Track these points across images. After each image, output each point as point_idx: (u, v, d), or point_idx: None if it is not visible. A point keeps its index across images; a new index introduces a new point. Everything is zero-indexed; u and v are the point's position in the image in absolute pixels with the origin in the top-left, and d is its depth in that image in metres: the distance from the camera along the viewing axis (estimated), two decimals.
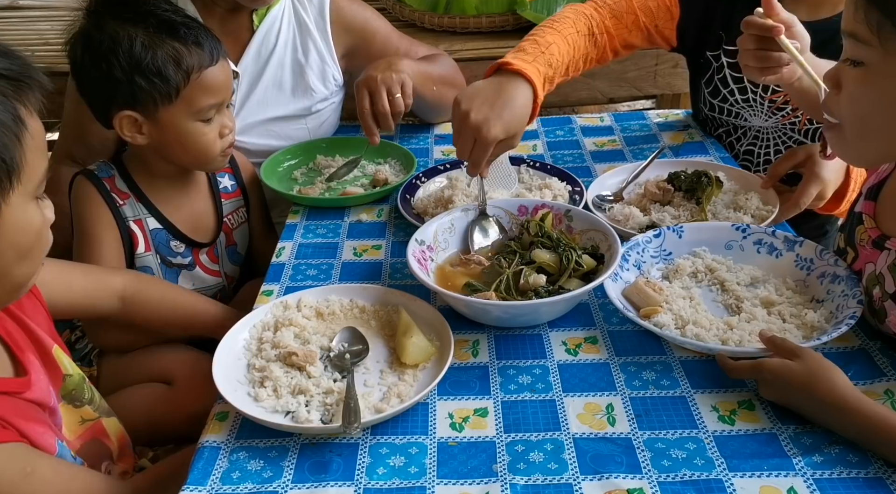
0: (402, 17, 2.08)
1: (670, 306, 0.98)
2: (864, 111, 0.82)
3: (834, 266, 0.99)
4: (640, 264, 1.05)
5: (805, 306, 0.97)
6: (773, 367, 0.82)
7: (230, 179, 1.33)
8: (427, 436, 0.83)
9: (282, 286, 1.10)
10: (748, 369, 0.85)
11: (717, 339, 0.92)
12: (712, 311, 0.99)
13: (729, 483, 0.75)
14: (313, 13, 1.48)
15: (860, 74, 0.82)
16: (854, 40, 0.81)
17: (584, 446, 0.81)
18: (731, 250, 1.08)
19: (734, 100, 1.40)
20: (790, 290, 1.01)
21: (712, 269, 1.05)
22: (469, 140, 1.07)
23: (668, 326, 0.94)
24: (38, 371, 0.85)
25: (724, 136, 1.47)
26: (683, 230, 1.09)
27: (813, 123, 1.33)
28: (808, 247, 1.03)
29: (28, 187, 0.73)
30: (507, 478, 0.77)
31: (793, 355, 0.83)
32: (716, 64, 1.41)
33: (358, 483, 0.78)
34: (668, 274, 1.05)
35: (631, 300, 0.99)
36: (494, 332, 0.99)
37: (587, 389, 0.89)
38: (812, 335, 0.92)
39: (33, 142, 0.73)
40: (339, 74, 1.53)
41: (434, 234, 1.10)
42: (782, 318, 0.96)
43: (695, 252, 1.08)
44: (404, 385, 0.88)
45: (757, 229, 1.08)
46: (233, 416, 0.87)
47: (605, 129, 1.57)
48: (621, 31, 1.35)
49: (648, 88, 1.97)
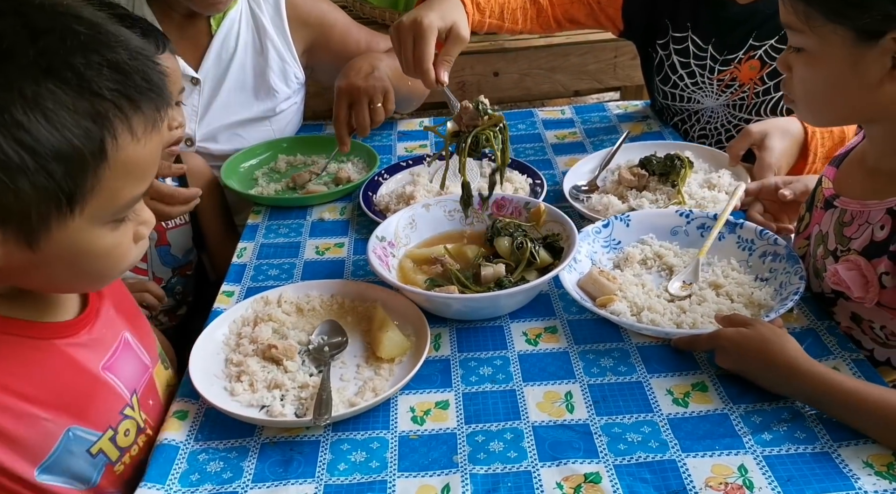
0: (363, 15, 2.08)
1: (624, 294, 1.00)
2: (812, 89, 0.89)
3: (774, 245, 1.03)
4: (591, 254, 1.08)
5: (750, 285, 1.01)
6: (728, 335, 0.87)
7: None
8: (388, 431, 0.84)
9: (243, 287, 1.10)
10: (705, 339, 0.89)
11: (671, 323, 0.95)
12: (663, 295, 1.01)
13: (682, 463, 0.77)
14: (269, 12, 1.47)
15: (803, 58, 0.88)
16: (790, 30, 0.87)
17: (543, 433, 0.82)
18: (676, 236, 1.11)
19: (684, 85, 1.44)
20: (735, 271, 1.04)
21: (660, 255, 1.08)
22: (409, 40, 1.02)
23: (624, 313, 0.96)
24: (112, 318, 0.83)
25: (680, 123, 1.50)
26: (630, 219, 1.12)
27: (759, 97, 1.37)
28: (748, 229, 1.06)
29: (99, 213, 0.66)
30: (467, 469, 0.78)
31: (747, 324, 0.87)
32: (663, 52, 1.44)
33: (319, 479, 0.78)
34: (619, 263, 1.08)
35: (586, 290, 1.01)
36: (456, 325, 1.00)
37: (547, 378, 0.90)
38: (760, 312, 0.95)
39: (117, 172, 0.65)
40: (300, 72, 1.52)
41: (395, 230, 1.10)
42: (730, 298, 0.99)
43: (643, 240, 1.11)
44: (379, 380, 0.89)
45: (699, 213, 1.11)
46: (192, 415, 0.87)
47: (566, 121, 1.58)
48: (564, 1, 1.37)
49: (609, 80, 1.99)
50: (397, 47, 1.08)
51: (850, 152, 1.01)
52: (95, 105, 0.62)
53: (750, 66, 1.35)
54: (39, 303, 0.77)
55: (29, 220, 0.63)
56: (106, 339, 0.82)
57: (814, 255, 0.98)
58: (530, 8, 1.35)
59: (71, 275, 0.71)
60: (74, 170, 0.62)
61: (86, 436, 0.78)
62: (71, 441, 0.76)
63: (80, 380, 0.78)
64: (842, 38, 0.81)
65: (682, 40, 1.40)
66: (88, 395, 0.78)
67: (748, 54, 1.34)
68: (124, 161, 0.65)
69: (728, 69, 1.37)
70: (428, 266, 1.07)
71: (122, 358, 0.83)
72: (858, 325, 0.93)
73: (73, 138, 0.61)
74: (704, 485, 0.74)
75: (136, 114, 0.65)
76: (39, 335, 0.75)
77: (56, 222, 0.64)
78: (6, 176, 0.59)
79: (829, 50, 0.83)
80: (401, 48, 1.05)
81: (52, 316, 0.78)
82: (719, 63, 1.37)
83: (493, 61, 1.94)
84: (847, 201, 0.94)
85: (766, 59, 1.34)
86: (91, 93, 0.61)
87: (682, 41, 1.40)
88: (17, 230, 0.63)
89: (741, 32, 1.34)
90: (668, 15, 1.41)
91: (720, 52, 1.37)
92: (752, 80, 1.36)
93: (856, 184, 0.95)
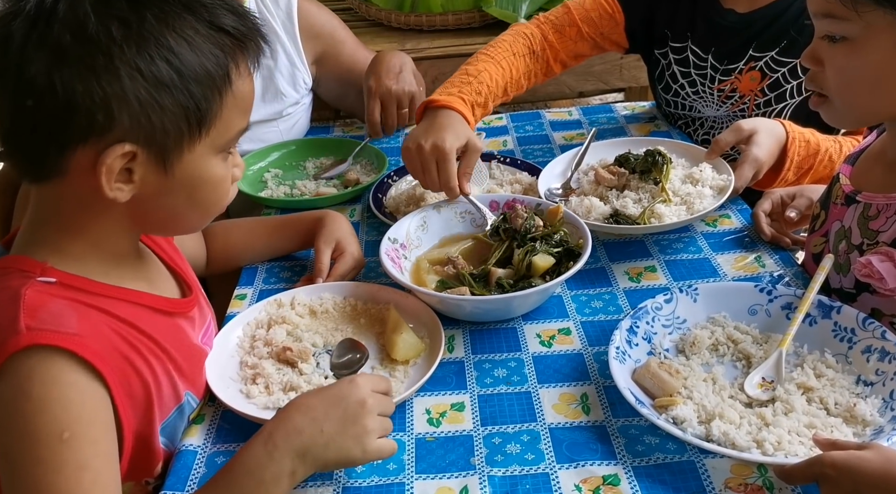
0: (368, 17, 2.07)
1: (690, 394, 0.83)
2: (852, 81, 0.87)
3: (882, 340, 0.84)
4: (650, 335, 0.91)
5: (852, 391, 0.83)
6: (839, 461, 0.68)
7: None
8: (405, 433, 0.84)
9: (255, 289, 1.10)
10: (803, 469, 0.70)
11: (749, 437, 0.76)
12: (738, 397, 0.84)
13: (701, 464, 0.77)
14: (281, 17, 1.48)
15: (845, 49, 0.86)
16: (832, 19, 0.85)
17: (560, 435, 0.82)
18: (755, 317, 0.93)
19: (685, 94, 1.44)
20: (831, 368, 0.86)
21: (735, 340, 0.91)
22: (431, 164, 1.10)
23: (689, 421, 0.79)
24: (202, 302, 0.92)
25: (683, 127, 1.50)
26: (698, 293, 0.94)
27: (760, 109, 1.37)
28: (847, 315, 0.88)
29: (217, 141, 0.75)
30: (484, 471, 0.78)
31: (861, 448, 0.70)
32: (664, 61, 1.45)
33: (337, 482, 0.78)
34: (685, 347, 0.91)
35: (643, 386, 0.85)
36: (469, 327, 1.00)
37: (562, 379, 0.90)
38: (864, 431, 0.78)
39: (234, 101, 0.74)
40: (308, 78, 1.53)
41: (407, 232, 1.10)
42: (825, 407, 0.81)
43: (713, 319, 0.94)
44: (395, 382, 0.89)
45: (784, 291, 0.93)
46: (209, 419, 0.87)
47: (573, 123, 1.58)
48: (566, 43, 1.39)
49: (615, 81, 1.98)
50: (419, 169, 1.13)
51: (864, 151, 1.01)
52: (222, 39, 0.73)
53: (751, 77, 1.35)
54: (153, 278, 0.85)
55: (168, 139, 0.71)
56: (200, 321, 0.91)
57: (835, 250, 0.98)
58: (533, 66, 1.36)
59: (188, 205, 0.77)
60: (208, 92, 0.72)
61: (192, 403, 0.85)
62: (185, 405, 0.84)
63: (192, 350, 0.86)
64: (890, 23, 0.81)
65: (682, 50, 1.41)
66: (197, 365, 0.87)
67: (749, 65, 1.35)
68: (239, 92, 0.75)
69: (728, 79, 1.37)
70: (441, 267, 1.07)
71: (208, 341, 0.92)
72: (879, 320, 0.93)
73: (208, 63, 0.71)
74: (724, 486, 0.74)
75: (247, 51, 0.75)
76: (162, 308, 0.83)
77: (188, 144, 0.73)
78: (156, 93, 0.69)
79: (874, 38, 0.83)
80: (424, 171, 1.12)
81: (164, 292, 0.85)
82: (720, 72, 1.38)
83: None
84: (871, 195, 0.94)
85: (767, 71, 1.34)
86: (218, 28, 0.72)
87: (682, 51, 1.41)
88: (158, 151, 0.71)
89: (740, 42, 1.34)
90: (666, 25, 1.41)
91: (720, 61, 1.37)
92: (753, 91, 1.36)
93: (877, 179, 0.95)
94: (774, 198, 1.14)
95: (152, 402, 0.78)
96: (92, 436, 0.68)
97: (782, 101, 1.36)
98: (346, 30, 1.59)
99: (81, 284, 0.75)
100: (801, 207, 1.10)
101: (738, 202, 1.23)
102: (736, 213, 1.21)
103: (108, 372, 0.71)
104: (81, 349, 0.69)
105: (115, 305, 0.76)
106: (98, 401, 0.70)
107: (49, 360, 0.68)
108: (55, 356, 0.68)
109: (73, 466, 0.66)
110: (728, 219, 1.20)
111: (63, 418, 0.67)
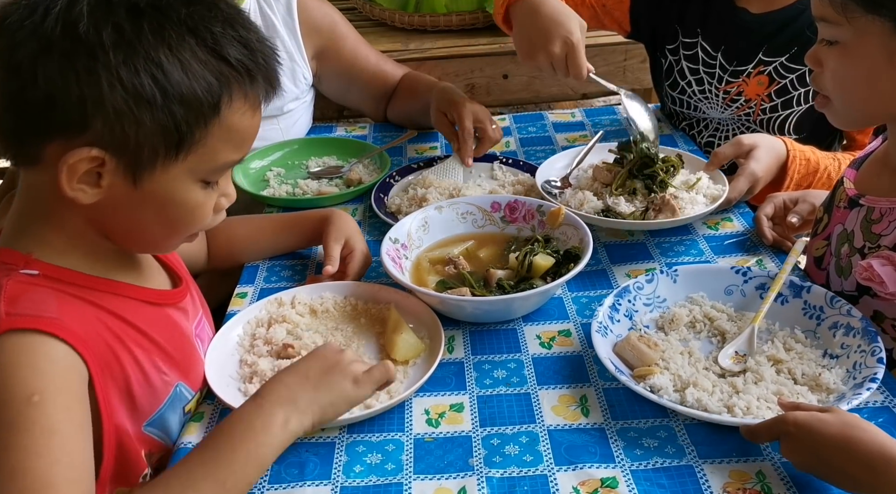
0: (372, 17, 2.07)
1: (667, 364, 0.88)
2: (847, 83, 0.89)
3: (847, 316, 0.89)
4: (631, 312, 0.96)
5: (818, 363, 0.88)
6: (801, 420, 0.71)
7: None
8: (403, 433, 0.84)
9: (256, 288, 1.10)
10: (768, 427, 0.74)
11: (721, 404, 0.81)
12: (712, 368, 0.88)
13: (699, 468, 0.77)
14: (280, 11, 1.47)
15: (837, 52, 0.88)
16: (825, 23, 0.87)
17: (559, 437, 0.82)
18: (731, 296, 0.98)
19: (691, 92, 1.44)
20: (800, 343, 0.90)
21: (711, 318, 0.96)
22: (562, 58, 1.20)
23: (666, 389, 0.84)
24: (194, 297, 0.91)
25: (687, 129, 1.50)
26: (678, 274, 0.99)
27: (766, 113, 1.37)
28: (816, 293, 0.93)
29: (198, 167, 0.74)
30: (483, 472, 0.78)
31: (821, 411, 0.73)
32: (672, 57, 1.45)
33: (335, 481, 0.78)
34: (664, 324, 0.96)
35: (623, 357, 0.89)
36: (470, 328, 1.00)
37: (561, 381, 0.90)
38: (828, 398, 0.82)
39: (222, 132, 0.73)
40: (308, 74, 1.52)
41: (408, 232, 1.10)
42: (793, 377, 0.86)
43: (692, 298, 0.98)
44: (394, 382, 0.88)
45: (759, 271, 0.99)
46: (208, 417, 0.87)
47: (576, 124, 1.58)
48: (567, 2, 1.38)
49: (618, 82, 1.96)
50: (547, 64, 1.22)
51: (868, 156, 1.01)
52: (221, 67, 0.71)
53: (758, 81, 1.35)
54: (141, 270, 0.85)
55: (141, 154, 0.70)
56: (192, 313, 0.91)
57: (836, 254, 0.98)
58: None
59: (155, 221, 0.76)
60: (191, 116, 0.70)
61: (186, 394, 0.85)
62: (177, 396, 0.83)
63: (184, 341, 0.86)
64: (879, 29, 0.82)
65: (692, 46, 1.40)
66: (190, 356, 0.87)
67: (757, 69, 1.34)
68: (230, 124, 0.73)
69: (736, 82, 1.37)
70: (442, 267, 1.07)
71: (201, 333, 0.92)
72: (880, 324, 0.93)
73: (198, 88, 0.70)
74: (722, 490, 0.74)
75: (250, 87, 0.74)
76: (151, 300, 0.83)
77: (161, 163, 0.71)
78: (135, 106, 0.67)
79: (865, 42, 0.84)
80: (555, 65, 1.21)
81: (152, 284, 0.85)
82: (728, 73, 1.37)
83: (503, 64, 1.93)
84: (874, 198, 0.94)
85: (775, 76, 1.34)
86: (220, 57, 0.71)
87: (692, 47, 1.40)
88: (128, 163, 0.70)
89: (751, 43, 1.34)
90: (676, 19, 1.41)
91: (729, 61, 1.37)
92: (759, 96, 1.36)
93: (881, 183, 0.96)
94: (777, 202, 1.14)
95: (135, 394, 0.77)
96: (63, 403, 0.67)
97: (789, 107, 1.35)
98: (348, 25, 1.57)
99: (65, 275, 0.74)
100: (803, 212, 1.10)
101: (741, 206, 1.23)
102: (738, 216, 1.21)
103: (89, 355, 0.70)
104: (61, 330, 0.69)
105: (99, 296, 0.76)
106: (73, 374, 0.70)
107: (25, 338, 0.68)
108: (33, 336, 0.68)
109: (41, 428, 0.65)
110: (730, 222, 1.20)
111: (33, 381, 0.66)
